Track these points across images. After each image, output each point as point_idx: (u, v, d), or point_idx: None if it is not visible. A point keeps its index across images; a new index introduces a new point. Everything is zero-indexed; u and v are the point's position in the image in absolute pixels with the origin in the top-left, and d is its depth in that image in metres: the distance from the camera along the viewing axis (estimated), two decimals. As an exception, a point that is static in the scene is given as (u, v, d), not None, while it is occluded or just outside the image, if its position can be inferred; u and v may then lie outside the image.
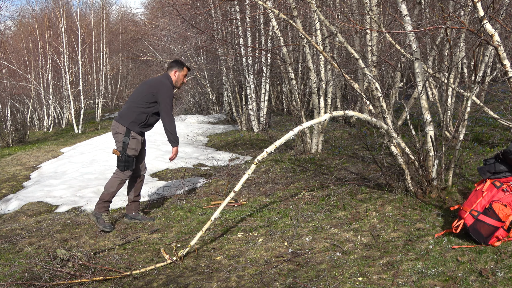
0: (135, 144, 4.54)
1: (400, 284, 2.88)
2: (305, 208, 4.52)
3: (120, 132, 4.52)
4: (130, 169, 4.55)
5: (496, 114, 4.76)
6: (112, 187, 4.53)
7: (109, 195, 4.55)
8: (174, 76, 4.68)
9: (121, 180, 4.54)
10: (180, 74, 4.70)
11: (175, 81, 4.69)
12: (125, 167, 4.51)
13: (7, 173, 7.93)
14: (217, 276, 3.30)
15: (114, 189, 4.54)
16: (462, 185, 4.26)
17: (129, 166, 4.53)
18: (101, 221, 4.52)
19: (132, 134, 4.52)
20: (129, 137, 4.50)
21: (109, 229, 4.50)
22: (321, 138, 6.80)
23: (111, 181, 4.55)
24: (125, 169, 4.52)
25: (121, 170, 4.52)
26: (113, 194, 4.56)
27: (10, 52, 18.95)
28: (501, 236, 3.18)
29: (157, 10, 18.22)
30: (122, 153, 4.50)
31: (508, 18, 5.35)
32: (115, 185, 4.53)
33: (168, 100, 4.53)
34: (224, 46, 10.94)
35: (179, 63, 4.73)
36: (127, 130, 4.50)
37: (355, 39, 8.41)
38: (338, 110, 3.90)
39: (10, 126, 14.27)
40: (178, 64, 4.71)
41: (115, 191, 4.56)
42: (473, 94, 4.24)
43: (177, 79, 4.69)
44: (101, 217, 4.54)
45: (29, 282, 3.39)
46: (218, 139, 10.17)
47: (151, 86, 4.59)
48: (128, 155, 4.50)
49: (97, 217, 4.53)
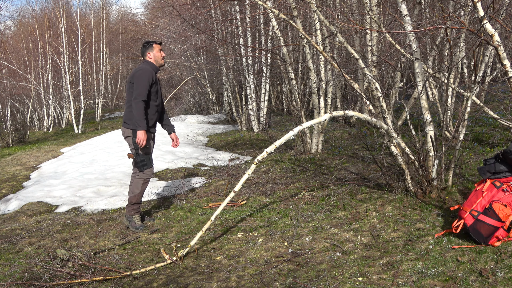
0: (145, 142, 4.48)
1: (400, 284, 2.88)
2: (305, 208, 4.52)
3: (129, 136, 4.50)
4: (149, 167, 4.53)
5: (496, 114, 4.76)
6: (137, 188, 4.52)
7: (136, 197, 4.53)
8: (151, 58, 4.56)
9: (143, 180, 4.52)
10: (155, 53, 4.56)
11: (155, 62, 4.57)
12: (143, 166, 4.49)
13: (7, 173, 7.93)
14: (217, 276, 3.30)
15: (139, 190, 4.52)
16: (462, 185, 4.26)
17: (148, 164, 4.51)
18: (133, 223, 4.54)
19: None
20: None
21: (142, 229, 4.51)
22: (321, 138, 6.80)
23: (135, 183, 4.53)
24: (144, 169, 4.50)
25: (140, 170, 4.51)
26: (139, 195, 4.55)
27: (10, 52, 18.95)
28: (501, 236, 3.18)
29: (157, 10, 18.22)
30: (135, 154, 4.47)
31: (508, 18, 5.35)
32: (139, 186, 4.52)
33: (141, 82, 4.35)
34: (224, 46, 10.94)
35: (147, 44, 4.60)
36: (133, 131, 4.45)
37: (355, 39, 8.41)
38: (338, 110, 3.90)
39: (10, 126, 14.27)
40: (147, 46, 4.58)
41: (141, 192, 4.54)
42: (473, 94, 4.24)
43: (155, 59, 4.57)
44: (133, 220, 4.56)
45: (29, 282, 3.39)
46: (218, 139, 10.17)
47: (131, 77, 4.49)
48: (142, 153, 4.48)
49: (129, 220, 4.56)
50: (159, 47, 4.61)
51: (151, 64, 4.55)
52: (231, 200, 4.66)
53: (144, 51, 4.59)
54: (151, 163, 4.56)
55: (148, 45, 4.58)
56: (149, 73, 4.41)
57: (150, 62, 4.56)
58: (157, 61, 4.59)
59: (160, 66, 4.63)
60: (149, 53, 4.56)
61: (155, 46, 4.57)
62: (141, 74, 4.39)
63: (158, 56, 4.59)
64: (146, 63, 4.55)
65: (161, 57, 4.62)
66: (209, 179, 6.26)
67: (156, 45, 4.59)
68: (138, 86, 4.36)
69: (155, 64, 4.58)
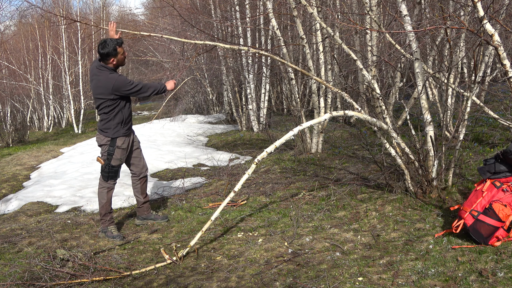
0: (120, 154, 4.37)
1: (400, 284, 2.87)
2: (305, 208, 4.52)
3: (105, 144, 4.34)
4: (113, 179, 4.41)
5: (496, 114, 4.76)
6: (103, 198, 4.40)
7: (105, 208, 4.42)
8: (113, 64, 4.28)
9: (107, 188, 4.41)
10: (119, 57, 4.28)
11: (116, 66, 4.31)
12: (108, 177, 4.37)
13: (7, 173, 7.93)
14: (217, 276, 3.30)
15: (105, 200, 4.40)
16: (462, 185, 4.26)
17: (113, 177, 4.39)
18: (109, 233, 4.41)
19: (118, 143, 4.33)
20: (114, 147, 4.32)
21: (119, 239, 4.36)
22: (321, 138, 6.80)
23: (100, 194, 4.42)
24: (109, 179, 4.39)
25: (104, 180, 4.41)
26: (107, 204, 4.42)
27: (10, 52, 18.94)
28: (501, 236, 3.18)
29: (157, 10, 18.22)
30: (106, 163, 4.35)
31: (508, 18, 5.34)
32: (104, 195, 4.40)
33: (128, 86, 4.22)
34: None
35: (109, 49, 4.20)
36: (112, 140, 4.32)
37: (355, 39, 8.41)
38: (338, 110, 3.89)
39: (10, 126, 14.28)
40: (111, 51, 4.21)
41: (107, 201, 4.42)
42: (473, 94, 4.24)
43: (117, 63, 4.31)
44: (108, 230, 4.43)
45: (29, 282, 3.39)
46: (218, 139, 10.17)
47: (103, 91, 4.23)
48: (113, 165, 4.35)
49: (104, 232, 4.44)
50: (122, 49, 4.31)
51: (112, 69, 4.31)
52: (231, 200, 4.66)
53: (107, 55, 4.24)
54: (117, 176, 4.43)
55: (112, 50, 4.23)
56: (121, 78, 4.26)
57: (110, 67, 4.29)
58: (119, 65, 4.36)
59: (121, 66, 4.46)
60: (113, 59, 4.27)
61: (119, 50, 4.27)
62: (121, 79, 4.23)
63: (121, 59, 4.33)
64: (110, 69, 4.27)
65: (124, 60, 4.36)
66: (209, 179, 6.26)
67: (120, 48, 4.27)
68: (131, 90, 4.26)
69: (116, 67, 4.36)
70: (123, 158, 4.43)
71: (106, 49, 4.20)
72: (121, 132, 4.35)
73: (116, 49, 4.23)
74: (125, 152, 4.43)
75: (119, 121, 4.33)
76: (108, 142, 4.32)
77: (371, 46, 5.30)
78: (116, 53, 4.25)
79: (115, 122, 4.31)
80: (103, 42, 4.22)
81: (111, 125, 4.31)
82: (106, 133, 4.33)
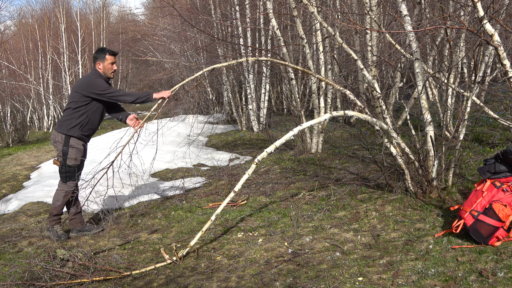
0: (75, 153, 4.31)
1: (400, 284, 2.87)
2: (305, 208, 4.52)
3: (59, 141, 4.30)
4: (72, 180, 4.32)
5: (496, 114, 4.76)
6: (58, 200, 4.35)
7: (57, 209, 4.36)
8: (100, 69, 4.35)
9: (65, 192, 4.34)
10: (105, 64, 4.33)
11: (103, 73, 4.36)
12: (66, 178, 4.31)
13: (7, 173, 7.93)
14: (217, 276, 3.30)
15: (60, 203, 4.35)
16: (462, 185, 4.26)
17: (71, 177, 4.31)
18: (54, 232, 4.35)
19: (71, 143, 4.28)
20: (68, 146, 4.28)
21: (64, 237, 4.34)
22: (321, 138, 6.80)
23: (56, 195, 4.37)
24: (67, 180, 4.31)
25: (63, 181, 4.33)
26: (60, 207, 4.38)
27: (10, 52, 18.94)
28: (501, 236, 3.18)
29: (157, 10, 18.22)
30: (62, 163, 4.29)
31: (508, 18, 5.34)
32: (60, 198, 4.34)
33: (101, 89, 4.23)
34: (224, 46, 10.94)
35: (100, 52, 4.34)
36: (66, 138, 4.27)
37: (355, 39, 8.41)
38: (338, 110, 3.90)
39: (10, 126, 14.27)
40: (99, 54, 4.33)
41: (62, 204, 4.36)
42: (473, 94, 4.24)
43: (104, 71, 4.35)
44: (54, 229, 4.37)
45: (29, 282, 3.39)
46: (218, 139, 10.17)
47: (78, 86, 4.32)
48: (69, 165, 4.29)
49: (49, 230, 4.37)
50: (112, 59, 4.36)
51: (99, 73, 4.35)
52: (231, 200, 4.66)
53: (95, 57, 4.36)
54: (75, 176, 4.34)
55: (101, 54, 4.33)
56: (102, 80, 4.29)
57: (98, 72, 4.36)
58: (105, 73, 4.37)
59: (107, 78, 4.40)
60: (99, 63, 4.34)
61: (107, 58, 4.33)
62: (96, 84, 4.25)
63: (108, 68, 4.36)
64: (93, 73, 4.36)
65: (111, 70, 4.38)
66: (209, 179, 6.26)
67: (109, 56, 4.33)
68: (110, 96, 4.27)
69: (103, 74, 4.37)
70: (79, 158, 4.36)
71: (97, 53, 4.36)
72: (77, 133, 4.30)
73: (106, 55, 4.32)
74: (80, 153, 4.37)
75: (80, 122, 4.30)
76: (62, 140, 4.29)
77: (371, 46, 5.30)
78: (104, 59, 4.32)
79: (76, 122, 4.29)
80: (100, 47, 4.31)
81: (71, 122, 4.29)
82: (61, 129, 4.30)
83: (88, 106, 4.31)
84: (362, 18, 7.15)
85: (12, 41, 20.40)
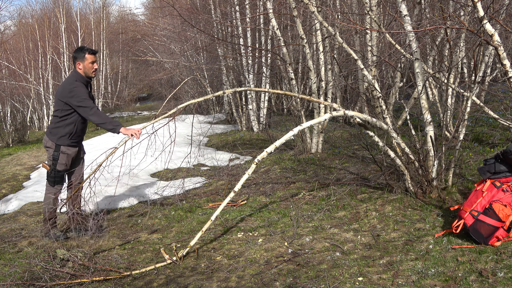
0: (65, 159, 4.31)
1: (400, 284, 2.87)
2: (305, 208, 4.52)
3: (50, 147, 4.28)
4: (60, 184, 4.34)
5: (496, 114, 4.76)
6: (49, 204, 4.33)
7: (50, 213, 4.35)
8: (80, 69, 4.22)
9: (54, 194, 4.34)
10: (85, 64, 4.19)
11: (84, 73, 4.23)
12: (54, 182, 4.31)
13: (7, 173, 7.93)
14: (217, 276, 3.30)
15: (52, 206, 4.34)
16: (462, 185, 4.26)
17: (59, 182, 4.33)
18: (53, 235, 4.34)
19: (62, 149, 4.27)
20: (59, 152, 4.26)
21: (63, 237, 4.34)
22: (321, 138, 6.80)
23: (46, 199, 4.34)
24: (55, 184, 4.32)
25: (51, 185, 4.32)
26: (54, 210, 4.37)
27: (10, 52, 18.94)
28: (501, 236, 3.18)
29: (157, 10, 18.23)
30: (51, 168, 4.28)
31: (508, 18, 5.34)
32: (51, 201, 4.34)
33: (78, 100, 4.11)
34: (224, 46, 10.94)
35: (79, 52, 4.20)
36: (56, 145, 4.26)
37: (355, 39, 8.41)
38: (338, 110, 3.90)
39: (10, 126, 14.28)
40: (78, 54, 4.19)
41: (54, 207, 4.36)
42: (473, 94, 4.24)
43: (84, 71, 4.22)
44: (51, 234, 4.36)
45: (29, 282, 3.39)
46: (218, 139, 10.17)
47: (59, 93, 4.22)
48: (58, 170, 4.29)
49: (47, 236, 4.36)
50: (92, 58, 4.21)
51: (79, 76, 4.23)
52: (231, 200, 4.66)
53: (75, 58, 4.23)
54: (63, 181, 4.36)
55: (81, 53, 4.19)
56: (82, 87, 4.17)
57: (78, 74, 4.24)
58: (86, 73, 4.25)
59: (88, 78, 4.29)
60: (79, 63, 4.21)
61: (87, 57, 4.19)
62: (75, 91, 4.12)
63: (89, 68, 4.23)
64: (72, 76, 4.25)
65: (92, 70, 4.25)
66: (209, 179, 6.26)
67: (89, 55, 4.19)
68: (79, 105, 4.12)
69: (83, 75, 4.25)
70: (69, 163, 4.36)
71: (76, 52, 4.22)
72: (66, 142, 4.28)
73: (85, 54, 4.19)
74: (70, 158, 4.36)
75: (68, 131, 4.26)
76: (53, 146, 4.27)
77: (371, 46, 5.30)
78: (83, 58, 4.19)
79: (65, 131, 4.25)
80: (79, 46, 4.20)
81: (60, 132, 4.25)
82: (51, 136, 4.27)
83: (74, 114, 4.22)
84: (362, 18, 7.15)
85: (12, 41, 20.40)
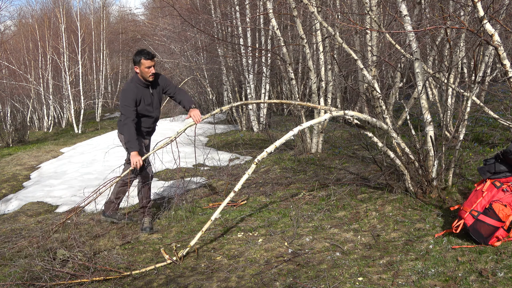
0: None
1: (400, 284, 2.88)
2: (305, 208, 4.52)
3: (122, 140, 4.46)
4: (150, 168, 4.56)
5: (496, 114, 4.76)
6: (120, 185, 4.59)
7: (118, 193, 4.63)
8: (138, 73, 4.37)
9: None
10: (142, 69, 4.31)
11: (141, 77, 4.37)
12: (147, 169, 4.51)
13: (7, 173, 7.93)
14: (217, 276, 3.30)
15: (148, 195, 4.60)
16: (462, 185, 4.26)
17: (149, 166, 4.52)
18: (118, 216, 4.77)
19: None
20: None
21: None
22: (321, 138, 6.80)
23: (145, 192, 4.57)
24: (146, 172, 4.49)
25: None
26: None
27: (10, 52, 18.95)
28: (501, 236, 3.18)
29: (157, 10, 18.22)
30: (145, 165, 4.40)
31: (508, 18, 5.34)
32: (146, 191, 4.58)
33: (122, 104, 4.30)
34: (224, 46, 10.94)
35: (136, 56, 4.33)
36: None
37: (355, 39, 8.41)
38: (338, 110, 3.89)
39: (10, 126, 14.29)
40: (135, 58, 4.33)
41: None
42: (473, 94, 4.24)
43: (142, 75, 4.35)
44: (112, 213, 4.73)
45: (29, 282, 3.39)
46: (218, 139, 10.17)
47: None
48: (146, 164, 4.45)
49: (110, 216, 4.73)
50: (149, 63, 4.29)
51: (136, 79, 4.38)
52: (231, 200, 4.66)
53: (134, 62, 4.37)
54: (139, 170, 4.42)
55: (137, 58, 4.31)
56: (129, 93, 4.28)
57: (136, 77, 4.39)
58: (143, 77, 4.36)
59: (146, 81, 4.39)
60: (136, 67, 4.37)
61: (143, 62, 4.28)
62: (122, 95, 4.33)
63: (146, 72, 4.32)
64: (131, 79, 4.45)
65: (149, 74, 4.33)
66: (209, 179, 6.26)
67: (145, 60, 4.27)
68: (122, 107, 4.28)
69: (141, 78, 4.37)
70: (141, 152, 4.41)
71: (134, 56, 4.38)
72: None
73: (141, 59, 4.30)
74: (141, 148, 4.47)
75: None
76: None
77: (371, 46, 5.30)
78: (139, 63, 4.32)
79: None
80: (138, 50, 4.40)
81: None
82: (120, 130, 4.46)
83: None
84: (362, 18, 7.15)
85: (12, 41, 20.41)
